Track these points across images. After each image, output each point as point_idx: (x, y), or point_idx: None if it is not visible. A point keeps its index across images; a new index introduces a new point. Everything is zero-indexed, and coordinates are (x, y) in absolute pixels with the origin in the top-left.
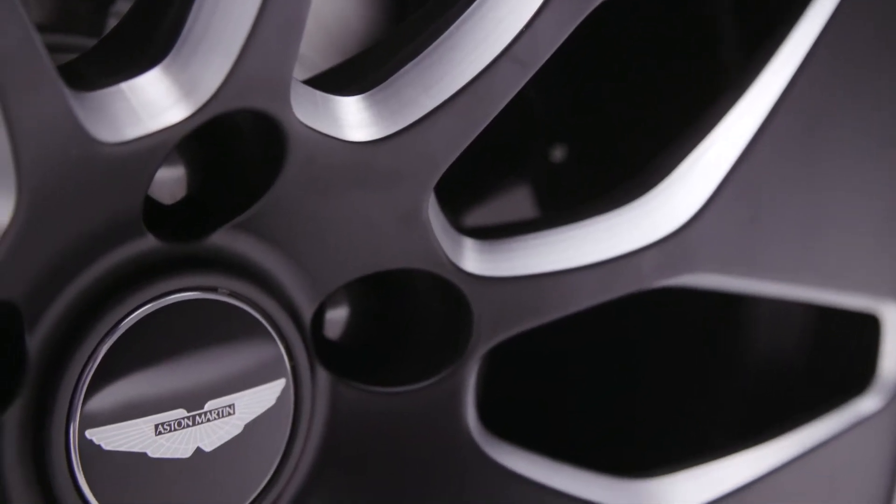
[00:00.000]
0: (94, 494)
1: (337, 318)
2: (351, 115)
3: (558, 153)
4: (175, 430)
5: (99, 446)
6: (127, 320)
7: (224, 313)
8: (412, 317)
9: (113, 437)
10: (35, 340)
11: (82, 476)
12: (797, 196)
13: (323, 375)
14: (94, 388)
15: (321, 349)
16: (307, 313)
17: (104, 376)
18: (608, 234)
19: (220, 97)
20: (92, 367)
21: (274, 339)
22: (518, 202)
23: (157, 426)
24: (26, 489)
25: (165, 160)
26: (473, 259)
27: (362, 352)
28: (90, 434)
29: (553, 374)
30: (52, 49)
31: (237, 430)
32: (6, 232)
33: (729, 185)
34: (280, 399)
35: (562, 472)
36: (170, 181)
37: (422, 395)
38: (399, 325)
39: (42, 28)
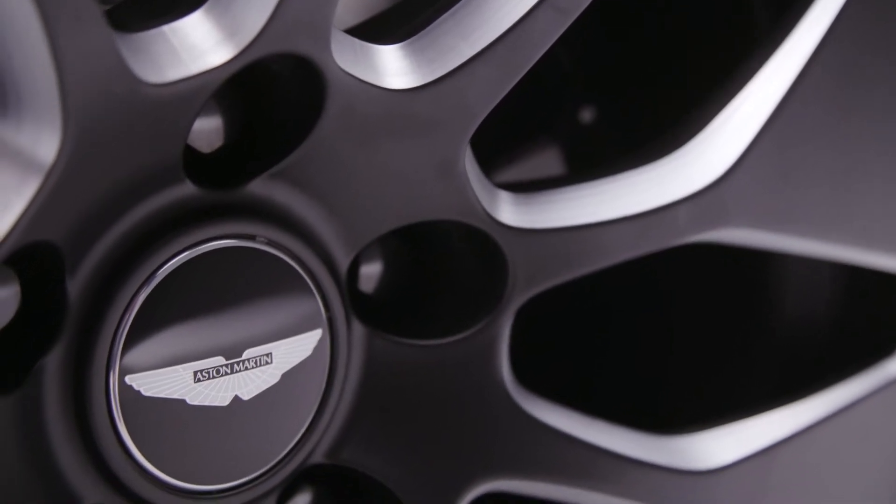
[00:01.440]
0: (133, 440)
1: (371, 272)
2: (390, 63)
3: (587, 114)
4: (213, 377)
5: (138, 392)
6: (166, 266)
7: (261, 262)
8: (447, 270)
9: (152, 384)
10: (75, 285)
11: (122, 421)
12: (830, 152)
13: (358, 328)
14: (133, 334)
15: (356, 302)
16: (343, 264)
17: (144, 322)
18: (643, 187)
19: (262, 40)
20: (132, 312)
21: (311, 290)
22: (547, 164)
23: (195, 373)
24: (66, 433)
25: (203, 109)
26: (509, 211)
27: (397, 305)
28: (130, 380)
29: (586, 330)
30: None
31: (274, 380)
32: (51, 170)
33: (762, 140)
34: (316, 350)
35: (596, 427)
36: (207, 130)
37: (457, 348)
38: (434, 279)
39: None
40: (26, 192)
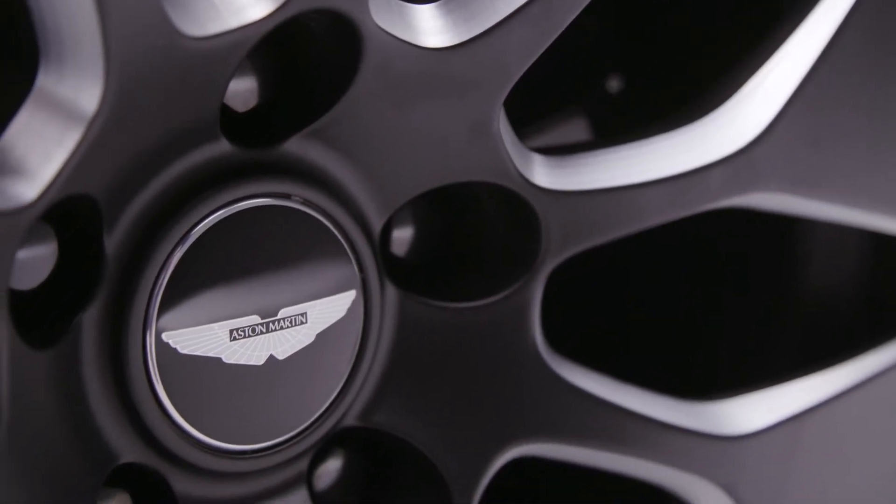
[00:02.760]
0: (169, 397)
1: (404, 235)
2: (425, 22)
3: (615, 83)
4: (249, 336)
5: (175, 350)
6: (202, 224)
7: (296, 221)
8: (479, 233)
9: (189, 341)
10: (113, 241)
11: (158, 378)
12: (862, 117)
13: (391, 290)
14: (170, 292)
15: (389, 265)
16: (377, 226)
17: (180, 280)
18: (676, 150)
19: None
20: (168, 269)
21: (345, 250)
22: (574, 133)
23: (231, 331)
24: (104, 390)
25: (239, 66)
26: (542, 173)
27: (430, 268)
28: (167, 337)
29: (617, 297)
30: None
31: (309, 340)
32: (92, 121)
33: (794, 104)
34: (350, 311)
35: (628, 391)
36: (243, 89)
37: (489, 311)
38: (466, 242)
39: None
40: (68, 143)
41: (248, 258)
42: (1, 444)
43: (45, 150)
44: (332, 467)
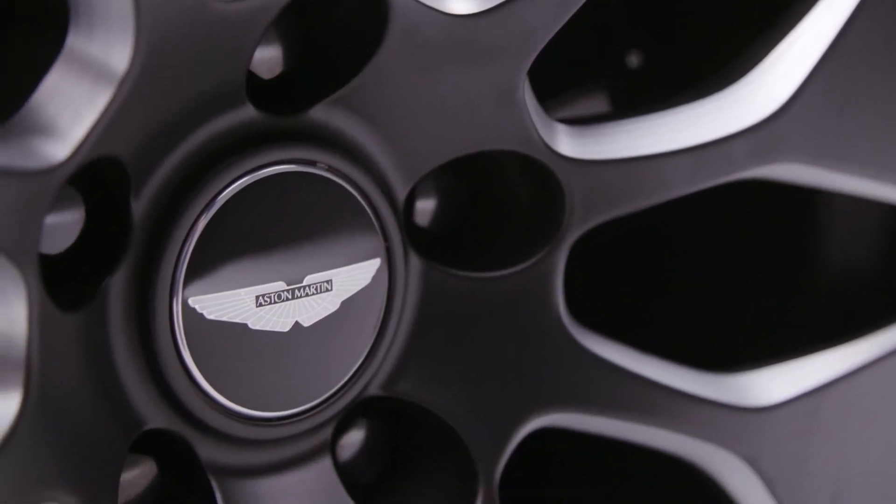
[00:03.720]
0: (196, 363)
1: (427, 206)
2: None
3: (634, 59)
4: (275, 302)
5: (202, 315)
6: (229, 190)
7: (322, 188)
8: (503, 203)
9: (215, 306)
10: (140, 205)
11: (184, 344)
12: (886, 89)
13: (415, 260)
14: (196, 257)
15: (413, 235)
16: (401, 194)
17: (207, 245)
18: (700, 120)
19: None
20: (195, 234)
21: (370, 218)
22: (594, 108)
23: (257, 297)
24: (131, 355)
25: (266, 32)
26: (566, 142)
27: (453, 238)
28: (193, 302)
29: (639, 270)
30: None
31: (334, 307)
32: (122, 81)
33: (818, 75)
34: (375, 279)
35: (651, 362)
36: (268, 56)
37: (513, 280)
38: (490, 212)
39: None
40: (98, 103)
41: (274, 225)
42: (30, 405)
43: (75, 111)
44: (355, 437)
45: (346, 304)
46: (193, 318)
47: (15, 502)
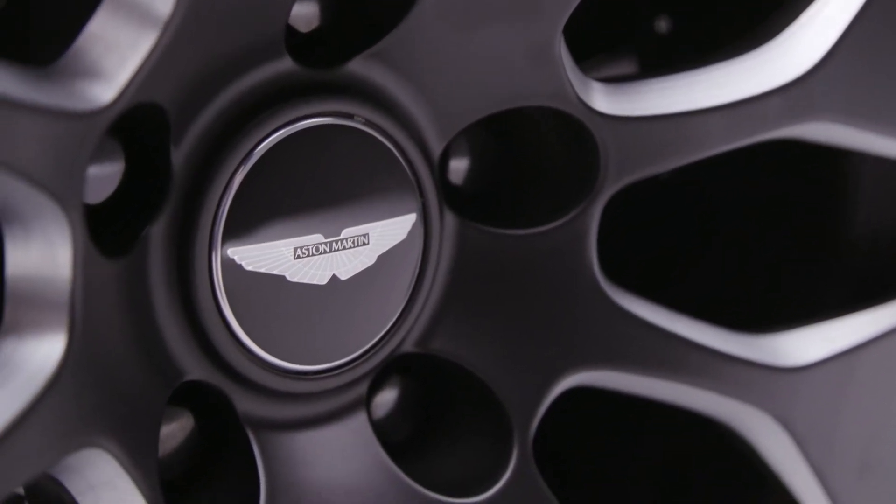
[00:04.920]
0: (234, 314)
1: (462, 164)
2: None
3: (664, 24)
4: (313, 255)
5: (240, 266)
6: (268, 141)
7: (358, 142)
8: (538, 160)
9: (254, 258)
10: (180, 155)
11: (223, 295)
12: None
13: (450, 217)
14: (236, 207)
15: (448, 193)
16: (436, 150)
17: (246, 196)
18: (734, 78)
19: None
20: (234, 185)
21: (406, 173)
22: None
23: (296, 249)
24: (170, 304)
25: None
26: (601, 99)
27: (488, 196)
28: (232, 253)
29: (672, 231)
30: None
31: (370, 261)
32: (167, 25)
33: (852, 34)
34: (410, 234)
35: (684, 322)
36: (305, 11)
37: (547, 238)
38: (525, 169)
39: None
40: (142, 47)
41: (312, 177)
42: (74, 349)
43: (119, 54)
44: (389, 395)
45: (382, 259)
46: (232, 268)
47: (60, 445)
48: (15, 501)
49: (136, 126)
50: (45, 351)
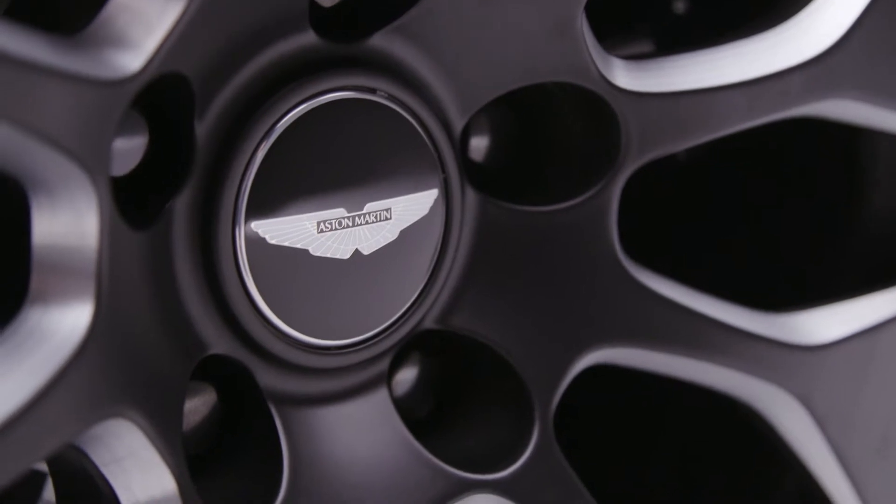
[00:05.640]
0: (258, 287)
1: (482, 141)
2: None
3: (680, 5)
4: (336, 229)
5: (264, 239)
6: (292, 113)
7: (381, 117)
8: (559, 137)
9: (278, 231)
10: (204, 127)
11: (246, 268)
12: None
13: (471, 194)
14: (259, 180)
15: (469, 170)
16: (458, 126)
17: (270, 169)
18: (755, 55)
19: None
20: (258, 157)
21: (428, 148)
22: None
23: (319, 223)
24: (194, 276)
25: None
26: (623, 75)
27: (509, 173)
28: (256, 226)
29: (691, 210)
30: None
31: (393, 236)
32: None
33: (872, 12)
34: (432, 210)
35: (704, 299)
36: None
37: (568, 214)
38: (546, 146)
39: None
40: (168, 16)
41: (335, 151)
42: (101, 318)
43: (147, 23)
44: (410, 371)
45: (404, 234)
46: (256, 242)
47: (86, 415)
48: (36, 478)
49: (161, 99)
50: (72, 320)
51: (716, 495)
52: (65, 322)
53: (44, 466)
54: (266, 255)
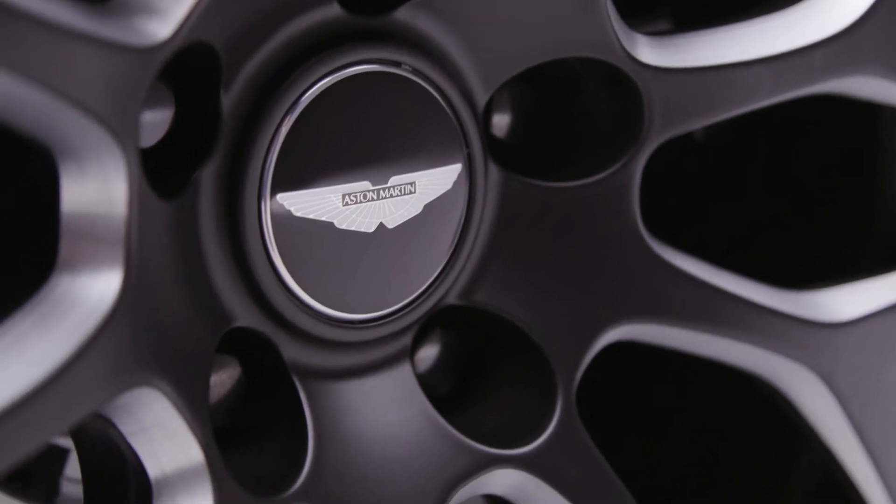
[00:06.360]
0: (283, 259)
1: (505, 118)
2: None
3: None
4: (361, 202)
5: (289, 211)
6: (318, 86)
7: (405, 90)
8: (582, 113)
9: (303, 203)
10: (230, 98)
11: (272, 239)
12: None
13: (494, 169)
14: (285, 153)
15: (492, 146)
16: (481, 101)
17: (296, 141)
18: (779, 30)
19: None
20: (284, 129)
21: (451, 122)
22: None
23: (344, 196)
24: (219, 248)
25: None
26: (646, 51)
27: (532, 149)
28: (281, 198)
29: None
30: None
31: (417, 210)
32: None
33: None
34: (456, 184)
35: (727, 276)
36: None
37: (592, 190)
38: (569, 122)
39: None
40: None
41: (360, 124)
42: (129, 286)
43: None
44: (432, 348)
45: (428, 208)
46: (281, 213)
47: (114, 383)
48: (58, 455)
49: (188, 69)
50: (101, 287)
51: (733, 472)
52: (94, 289)
53: (67, 443)
54: (291, 227)
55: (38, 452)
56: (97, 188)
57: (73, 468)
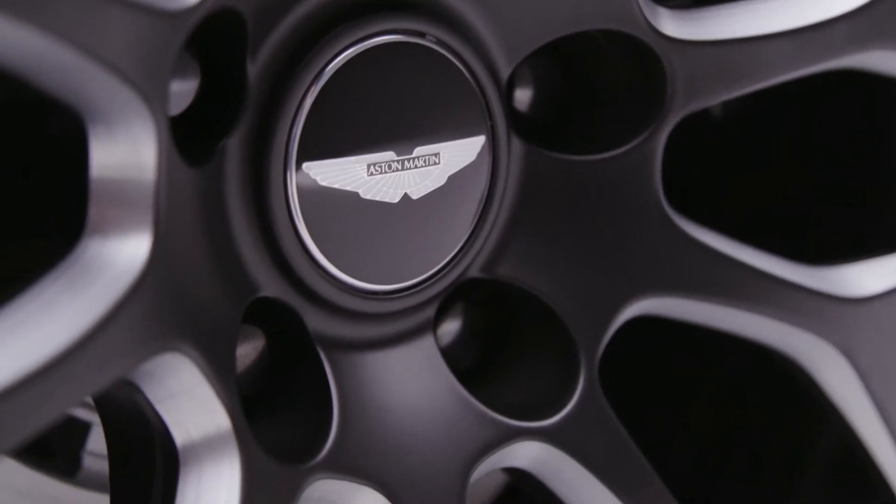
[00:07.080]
0: (308, 228)
1: (527, 92)
2: None
3: None
4: (386, 172)
5: (315, 180)
6: (343, 55)
7: (430, 61)
8: (604, 86)
9: (329, 173)
10: (256, 67)
11: (297, 208)
12: None
13: (517, 142)
14: (311, 123)
15: (514, 120)
16: (504, 73)
17: (321, 110)
18: (802, 3)
19: None
20: (310, 99)
21: (476, 94)
22: None
23: (369, 166)
24: (245, 216)
25: None
26: (669, 23)
27: (554, 122)
28: (307, 167)
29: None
30: None
31: (441, 181)
32: None
33: None
34: (479, 156)
35: (749, 250)
36: None
37: (614, 163)
38: (591, 95)
39: None
40: None
41: (385, 95)
42: (158, 251)
43: None
44: (455, 322)
45: (452, 180)
46: (307, 182)
47: (143, 347)
48: (80, 428)
49: (216, 37)
50: (130, 251)
51: (754, 445)
52: (123, 253)
53: (89, 417)
54: (317, 196)
55: (61, 423)
56: (126, 152)
57: (94, 442)
